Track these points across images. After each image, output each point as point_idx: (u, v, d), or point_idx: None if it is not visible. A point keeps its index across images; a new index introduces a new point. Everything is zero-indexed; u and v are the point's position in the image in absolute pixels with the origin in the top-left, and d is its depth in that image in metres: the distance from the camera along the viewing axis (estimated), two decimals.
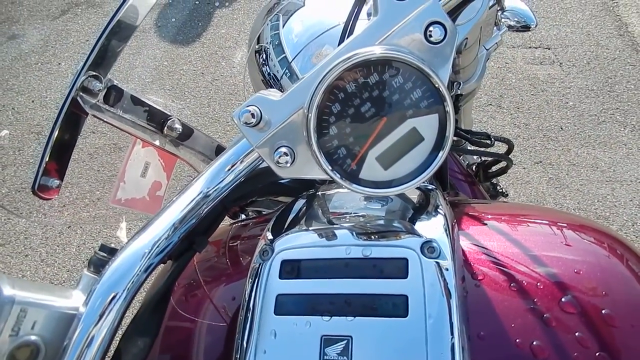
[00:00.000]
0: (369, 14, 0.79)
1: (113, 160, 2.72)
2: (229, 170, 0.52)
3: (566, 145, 2.70)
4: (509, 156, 1.17)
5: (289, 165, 0.49)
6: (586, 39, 3.39)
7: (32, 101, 3.13)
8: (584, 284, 0.50)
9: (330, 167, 0.47)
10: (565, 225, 0.60)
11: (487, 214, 0.65)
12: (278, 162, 0.49)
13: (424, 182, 0.57)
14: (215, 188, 0.51)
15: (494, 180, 1.63)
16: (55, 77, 3.29)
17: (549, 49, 3.34)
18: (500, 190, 1.62)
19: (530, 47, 3.35)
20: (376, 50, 0.46)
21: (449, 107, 0.46)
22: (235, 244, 0.75)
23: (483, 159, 1.45)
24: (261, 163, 0.55)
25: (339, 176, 0.48)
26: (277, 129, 0.49)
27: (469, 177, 1.40)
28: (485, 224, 0.61)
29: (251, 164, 0.53)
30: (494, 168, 1.38)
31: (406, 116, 0.47)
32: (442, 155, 0.46)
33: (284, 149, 0.49)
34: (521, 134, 2.77)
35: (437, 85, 0.46)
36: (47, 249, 2.34)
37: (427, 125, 0.47)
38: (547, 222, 0.61)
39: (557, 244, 0.55)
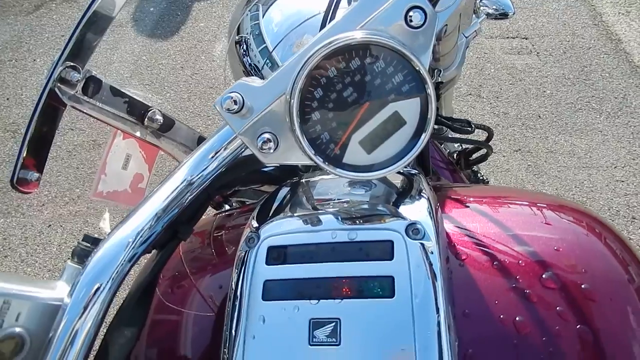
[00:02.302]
0: (349, 1, 0.79)
1: (92, 157, 2.67)
2: (212, 157, 0.51)
3: (544, 133, 2.75)
4: (489, 144, 1.18)
5: (272, 151, 0.49)
6: (562, 28, 3.44)
7: (7, 99, 3.05)
8: (564, 260, 0.51)
9: (313, 152, 0.48)
10: (544, 205, 0.61)
11: (469, 196, 0.66)
12: (261, 149, 0.49)
13: (406, 167, 0.58)
14: (199, 175, 0.51)
15: (475, 168, 1.65)
16: (30, 74, 3.22)
17: (526, 39, 3.38)
18: (481, 178, 1.65)
19: (508, 37, 3.40)
20: (357, 35, 0.46)
21: (430, 90, 0.46)
22: (220, 233, 0.74)
23: (464, 146, 1.46)
24: (244, 150, 0.55)
25: (322, 161, 0.48)
26: (259, 115, 0.49)
27: (450, 164, 1.42)
28: (468, 207, 0.62)
29: (234, 151, 0.53)
30: (474, 156, 1.40)
31: (388, 100, 0.47)
32: (424, 138, 0.47)
33: (267, 135, 0.49)
34: (500, 123, 2.81)
35: (418, 69, 0.46)
36: (27, 249, 2.30)
37: (409, 109, 0.47)
38: (527, 203, 0.63)
39: (537, 224, 0.57)
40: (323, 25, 0.79)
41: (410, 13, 0.47)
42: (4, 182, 2.58)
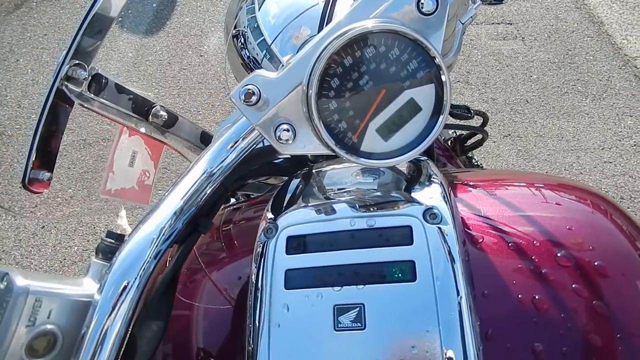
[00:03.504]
0: None
1: (83, 156, 2.65)
2: (231, 147, 0.52)
3: (532, 118, 2.79)
4: (484, 129, 1.20)
5: (290, 142, 0.50)
6: (545, 13, 3.48)
7: None
8: (576, 239, 0.53)
9: (333, 142, 0.48)
10: (551, 186, 0.63)
11: (476, 181, 0.67)
12: (280, 139, 0.49)
13: None
14: (219, 167, 0.52)
15: (469, 154, 1.67)
16: (14, 75, 3.16)
17: (511, 24, 3.41)
18: (476, 163, 1.67)
19: (493, 24, 3.42)
20: (370, 24, 0.47)
21: (445, 76, 0.47)
22: (230, 227, 0.75)
23: (458, 133, 1.48)
24: (259, 143, 0.56)
25: (341, 150, 0.49)
26: (276, 106, 0.49)
27: (447, 151, 1.44)
28: (476, 190, 0.63)
29: (251, 143, 0.54)
30: (469, 141, 1.42)
31: (404, 87, 0.48)
32: (440, 124, 0.48)
33: (284, 126, 0.49)
34: (489, 109, 2.83)
35: (432, 55, 0.47)
36: (22, 251, 2.27)
37: (424, 95, 0.48)
38: (533, 184, 0.64)
39: (547, 204, 0.58)
40: (323, 17, 0.80)
41: (422, 0, 0.47)
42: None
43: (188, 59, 3.23)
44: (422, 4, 0.47)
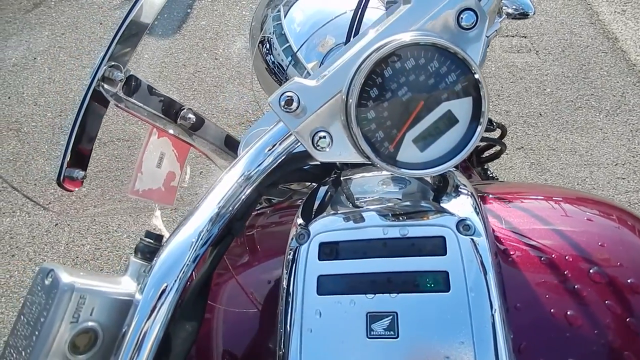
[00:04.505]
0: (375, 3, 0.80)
1: (98, 155, 2.67)
2: (268, 151, 0.53)
3: (545, 131, 2.78)
4: (502, 141, 1.20)
5: (327, 149, 0.50)
6: (560, 27, 3.48)
7: (9, 97, 3.04)
8: (609, 255, 0.53)
9: (370, 151, 0.49)
10: (580, 201, 0.63)
11: (504, 193, 0.67)
12: (317, 146, 0.50)
13: None
14: (256, 170, 0.52)
15: (485, 166, 1.67)
16: (31, 73, 3.20)
17: (525, 37, 3.41)
18: (491, 175, 1.67)
19: (507, 36, 3.42)
20: (411, 37, 0.48)
21: (484, 90, 0.48)
22: (254, 231, 0.76)
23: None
24: (294, 149, 0.57)
25: (378, 159, 0.49)
26: (314, 113, 0.50)
27: (463, 162, 1.44)
28: (506, 203, 0.64)
29: (287, 148, 0.54)
30: (486, 153, 1.42)
31: (441, 99, 0.49)
32: (477, 136, 0.49)
33: (322, 133, 0.50)
34: (502, 121, 2.82)
35: (472, 70, 0.48)
36: (35, 248, 2.29)
37: (461, 107, 0.49)
38: (562, 198, 0.64)
39: (577, 219, 0.59)
40: (351, 26, 0.81)
41: (462, 15, 0.48)
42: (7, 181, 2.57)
43: (203, 62, 3.26)
44: (462, 18, 0.48)
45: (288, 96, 0.49)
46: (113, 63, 0.65)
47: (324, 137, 0.50)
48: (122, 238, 2.32)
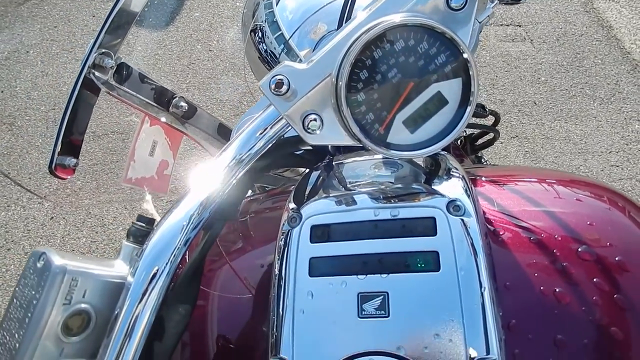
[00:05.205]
0: None
1: (92, 148, 2.66)
2: (260, 135, 0.53)
3: (540, 120, 2.79)
4: (496, 128, 1.21)
5: (318, 132, 0.51)
6: (554, 16, 3.48)
7: (1, 91, 3.02)
8: (597, 234, 0.53)
9: (360, 133, 0.49)
10: (570, 182, 0.63)
11: (495, 176, 0.68)
12: (308, 129, 0.50)
13: None
14: (248, 153, 0.53)
15: (479, 154, 1.68)
16: (24, 66, 3.18)
17: (519, 26, 3.41)
18: (485, 163, 1.67)
19: (502, 25, 3.42)
20: (401, 18, 0.48)
21: (473, 71, 0.48)
22: (248, 217, 0.76)
23: (469, 131, 1.49)
24: (285, 133, 0.57)
25: (368, 141, 0.50)
26: (304, 96, 0.50)
27: (457, 149, 1.45)
28: (496, 185, 0.64)
29: (278, 132, 0.55)
30: (480, 141, 1.42)
31: (431, 80, 0.49)
32: (467, 116, 0.49)
33: (312, 116, 0.50)
34: (497, 110, 2.83)
35: (461, 49, 0.48)
36: (30, 242, 2.29)
37: (451, 89, 0.49)
38: (553, 180, 0.65)
39: (567, 200, 0.59)
40: (343, 12, 0.80)
41: None
42: (1, 175, 2.56)
43: (197, 53, 3.25)
44: None
45: (278, 79, 0.49)
46: (104, 50, 0.65)
47: (315, 119, 0.50)
48: (118, 230, 2.32)
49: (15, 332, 0.41)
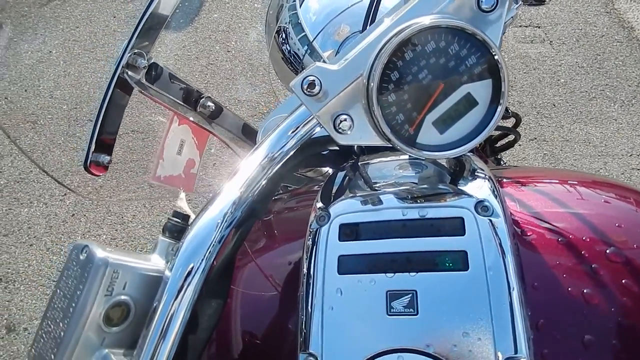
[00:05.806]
0: None
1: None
2: (292, 134, 0.54)
3: (559, 122, 2.76)
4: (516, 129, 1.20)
5: (348, 132, 0.52)
6: (574, 17, 3.44)
7: (25, 90, 3.08)
8: (626, 236, 0.54)
9: (391, 133, 0.50)
10: (596, 184, 0.64)
11: (520, 177, 0.68)
12: (339, 129, 0.51)
13: None
14: (279, 152, 0.54)
15: (498, 155, 1.67)
16: (47, 66, 3.24)
17: (538, 27, 3.38)
18: (505, 165, 1.67)
19: (520, 26, 3.39)
20: (431, 20, 0.48)
21: (504, 72, 0.49)
22: (272, 216, 0.77)
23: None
24: (314, 133, 0.58)
25: (398, 141, 0.50)
26: (335, 97, 0.51)
27: (477, 151, 1.44)
28: (522, 186, 0.64)
29: (308, 132, 0.56)
30: (500, 142, 1.42)
31: (461, 82, 0.50)
32: (496, 117, 0.49)
33: (343, 116, 0.51)
34: (516, 112, 2.82)
35: (492, 51, 0.48)
36: (52, 238, 2.34)
37: (481, 90, 0.50)
38: (578, 182, 0.65)
39: (595, 202, 0.59)
40: (368, 14, 0.81)
41: None
42: (25, 172, 2.62)
43: (215, 54, 3.28)
44: (482, 1, 0.49)
45: (310, 80, 0.50)
46: (137, 50, 0.67)
47: (345, 120, 0.51)
48: (137, 229, 2.35)
49: (59, 320, 0.42)
